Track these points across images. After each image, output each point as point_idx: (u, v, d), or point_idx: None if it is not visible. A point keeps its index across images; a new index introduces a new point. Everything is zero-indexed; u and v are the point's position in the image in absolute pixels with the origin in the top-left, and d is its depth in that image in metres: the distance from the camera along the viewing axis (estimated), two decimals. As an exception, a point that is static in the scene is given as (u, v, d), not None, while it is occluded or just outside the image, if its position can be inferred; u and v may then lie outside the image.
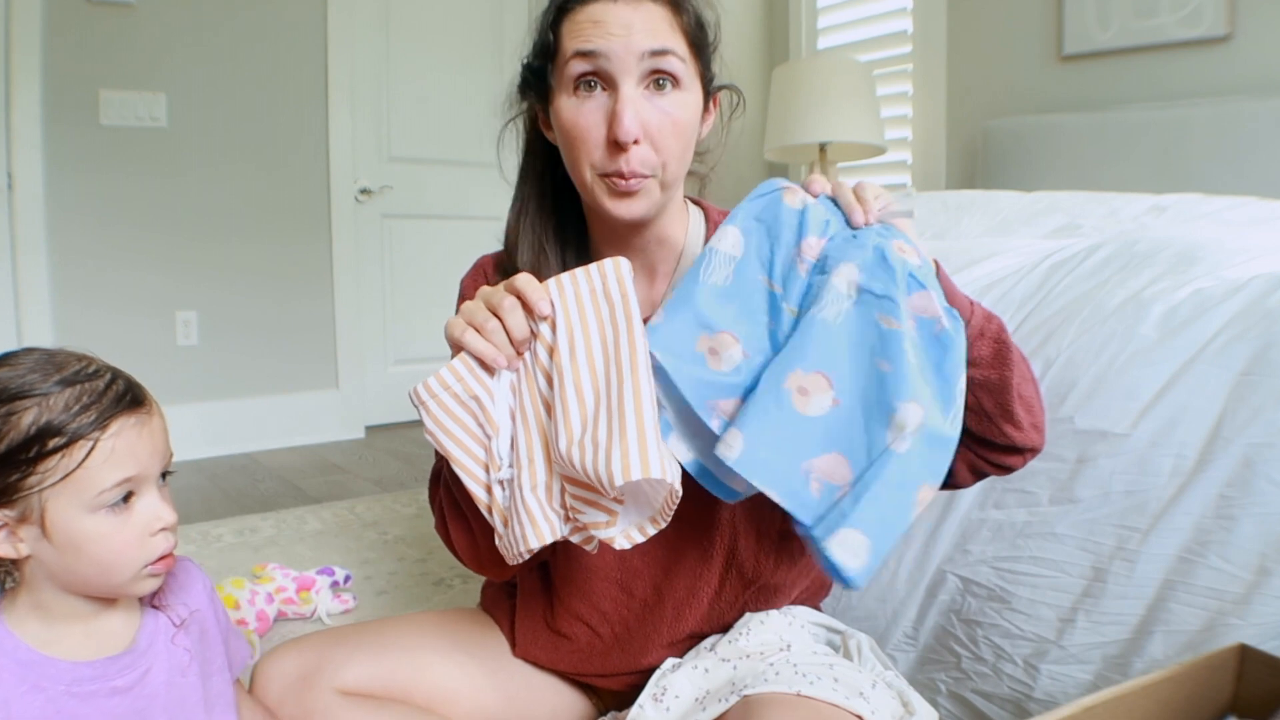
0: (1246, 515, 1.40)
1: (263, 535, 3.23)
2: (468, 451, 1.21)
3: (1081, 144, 3.62)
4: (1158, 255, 1.75)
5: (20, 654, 1.08)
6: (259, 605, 2.34)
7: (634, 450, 1.09)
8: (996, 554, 1.66)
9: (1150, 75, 3.63)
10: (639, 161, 1.26)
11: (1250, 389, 1.45)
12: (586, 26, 1.26)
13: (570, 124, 1.30)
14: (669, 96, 1.28)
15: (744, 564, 1.49)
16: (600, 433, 1.12)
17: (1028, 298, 1.80)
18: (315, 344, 4.97)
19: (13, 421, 1.01)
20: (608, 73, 1.26)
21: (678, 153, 1.31)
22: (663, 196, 1.33)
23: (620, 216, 1.31)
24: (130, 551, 1.09)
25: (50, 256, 4.19)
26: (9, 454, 1.01)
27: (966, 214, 2.93)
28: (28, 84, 4.06)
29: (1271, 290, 1.53)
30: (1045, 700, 1.57)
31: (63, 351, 1.10)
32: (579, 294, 1.18)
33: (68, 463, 1.02)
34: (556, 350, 1.17)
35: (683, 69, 1.29)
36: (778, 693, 1.29)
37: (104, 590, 1.13)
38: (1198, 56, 3.51)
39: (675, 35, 1.28)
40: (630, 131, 1.24)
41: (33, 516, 1.04)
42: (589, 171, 1.30)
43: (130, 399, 1.10)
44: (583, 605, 1.53)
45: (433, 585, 2.72)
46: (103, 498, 1.05)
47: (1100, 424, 1.56)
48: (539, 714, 1.60)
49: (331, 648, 1.47)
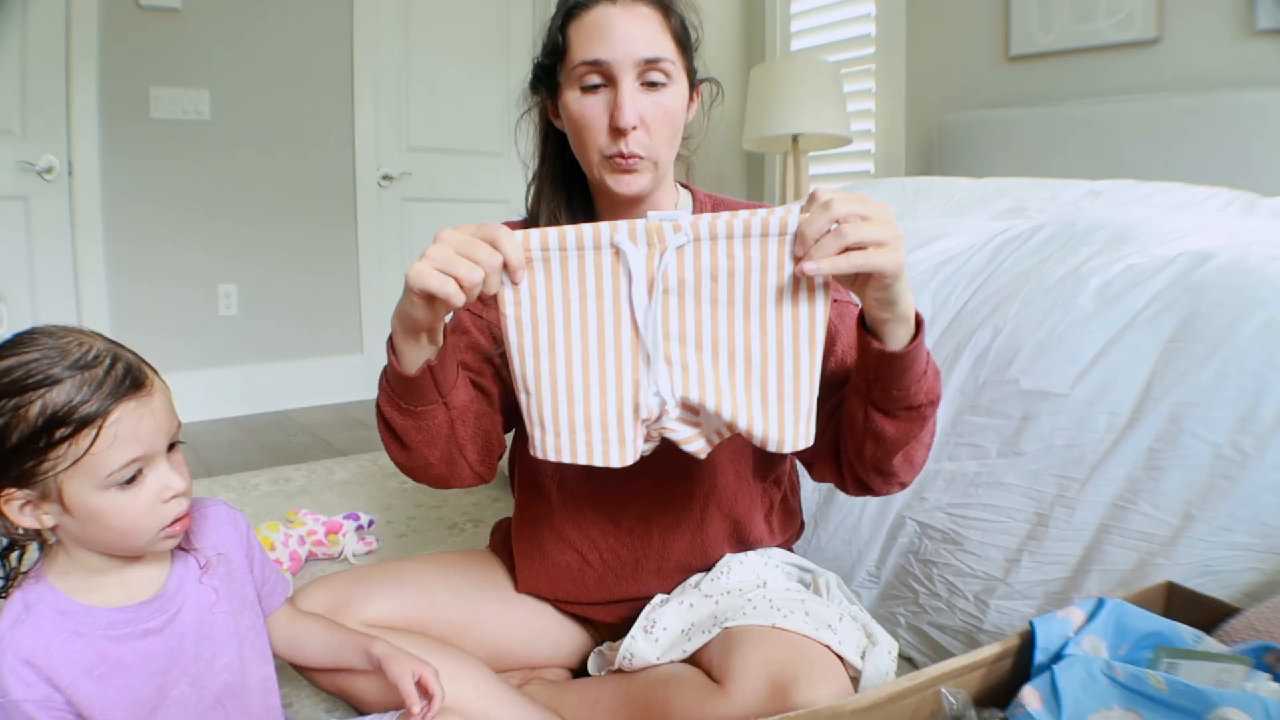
0: (1173, 467, 1.40)
1: (295, 484, 3.23)
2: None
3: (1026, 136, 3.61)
4: (1094, 234, 1.75)
5: (60, 604, 1.08)
6: (292, 547, 2.34)
7: (799, 420, 1.16)
8: (950, 501, 1.65)
9: (1087, 74, 3.62)
10: (637, 144, 1.34)
11: (1177, 354, 1.45)
12: (591, 32, 1.33)
13: (578, 115, 1.36)
14: (660, 91, 1.35)
15: (723, 497, 1.51)
16: (768, 393, 1.16)
17: (978, 272, 1.80)
18: (342, 313, 4.96)
19: (21, 413, 0.99)
20: (609, 73, 1.32)
21: (669, 137, 1.38)
22: (657, 174, 1.39)
23: (622, 193, 1.37)
24: (145, 520, 1.07)
25: (106, 236, 4.17)
26: (22, 443, 0.99)
27: (923, 198, 2.93)
28: (85, 83, 4.03)
29: (1196, 266, 1.53)
30: (994, 632, 1.57)
31: (66, 334, 1.07)
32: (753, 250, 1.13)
33: (75, 449, 1.00)
34: (717, 300, 1.15)
35: (671, 68, 1.35)
36: (755, 625, 1.30)
37: (126, 551, 1.12)
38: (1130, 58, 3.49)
39: (665, 38, 1.35)
40: (629, 120, 1.31)
41: (52, 495, 1.02)
42: (595, 154, 1.37)
43: (131, 382, 1.05)
44: (574, 532, 1.54)
45: (447, 529, 2.72)
46: (113, 477, 1.03)
47: (1042, 385, 1.56)
48: (542, 644, 1.61)
49: (357, 585, 1.48)
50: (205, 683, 1.18)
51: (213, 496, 1.40)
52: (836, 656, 1.27)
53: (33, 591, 1.08)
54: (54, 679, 1.04)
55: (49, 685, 1.04)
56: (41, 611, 1.06)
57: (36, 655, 1.04)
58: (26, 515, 1.04)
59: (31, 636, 1.04)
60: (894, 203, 2.96)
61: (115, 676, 1.09)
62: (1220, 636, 1.14)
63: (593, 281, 1.15)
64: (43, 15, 3.95)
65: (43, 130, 4.01)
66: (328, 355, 4.93)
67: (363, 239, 4.96)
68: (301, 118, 4.70)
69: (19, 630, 1.04)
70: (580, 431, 1.19)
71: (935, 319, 1.77)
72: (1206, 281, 1.50)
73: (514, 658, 1.58)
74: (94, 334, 1.09)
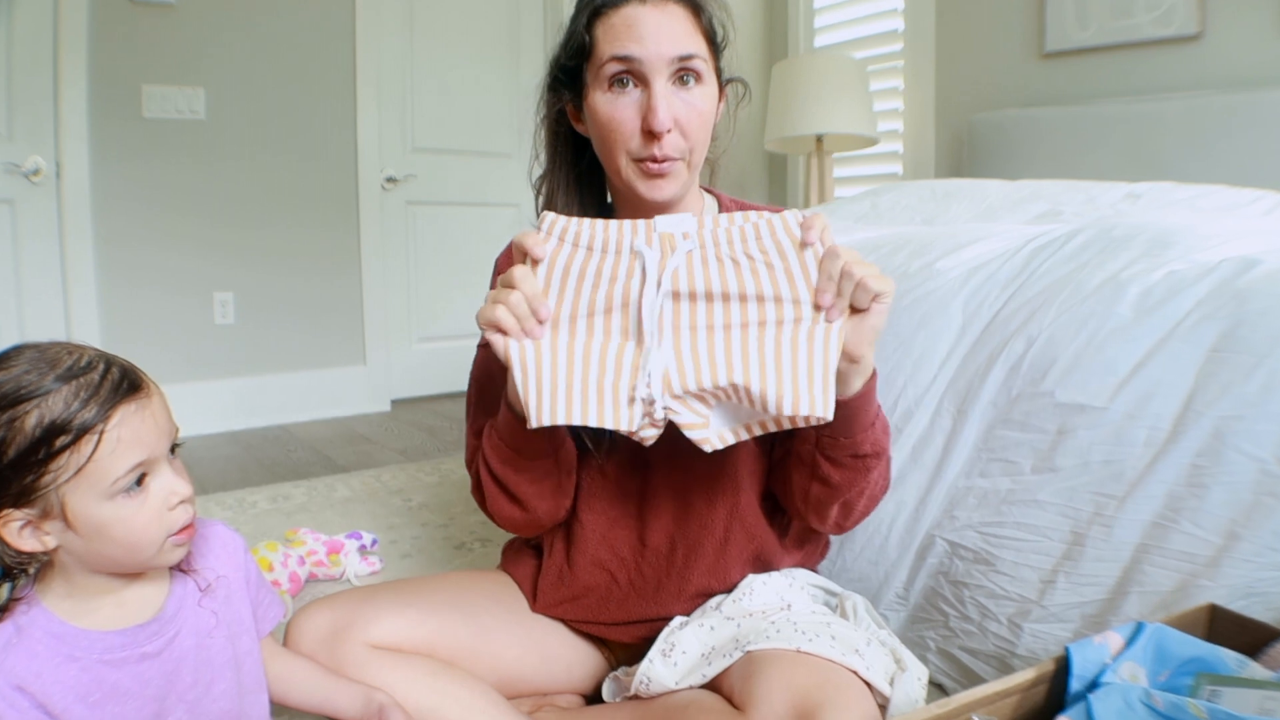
0: (1216, 484, 1.40)
1: (295, 502, 3.23)
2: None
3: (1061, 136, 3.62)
4: (1134, 239, 1.75)
5: (54, 628, 1.08)
6: (291, 567, 2.35)
7: (816, 390, 1.20)
8: (982, 519, 1.65)
9: (1126, 71, 3.62)
10: (671, 147, 1.37)
11: (1220, 365, 1.45)
12: (621, 30, 1.35)
13: (607, 116, 1.38)
14: (693, 91, 1.38)
15: (746, 518, 1.52)
16: (783, 365, 1.21)
17: (1011, 279, 1.80)
18: (344, 322, 4.96)
19: (16, 426, 0.99)
20: (641, 73, 1.35)
21: (702, 139, 1.41)
22: (689, 178, 1.42)
23: (653, 198, 1.40)
24: (152, 529, 1.08)
25: (96, 241, 4.18)
26: (19, 457, 0.99)
27: (954, 201, 2.93)
28: (75, 80, 4.04)
29: (1240, 272, 1.53)
30: (1028, 656, 1.57)
31: (53, 345, 1.07)
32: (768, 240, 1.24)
33: (78, 458, 1.00)
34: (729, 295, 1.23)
35: (704, 67, 1.38)
36: (778, 649, 1.30)
37: (133, 567, 1.12)
38: (1170, 54, 3.50)
39: (697, 37, 1.37)
40: (664, 123, 1.33)
41: (54, 511, 1.02)
42: (624, 158, 1.39)
43: (128, 385, 1.06)
44: (605, 552, 1.56)
45: (454, 549, 2.72)
46: (117, 485, 1.03)
47: (1079, 398, 1.56)
48: (554, 668, 1.60)
49: (361, 605, 1.48)
50: (202, 709, 1.18)
51: (208, 515, 1.41)
52: (864, 682, 1.27)
53: (24, 615, 1.08)
54: (47, 705, 1.04)
55: (42, 712, 1.04)
56: (34, 635, 1.06)
57: (29, 681, 1.04)
58: (27, 537, 1.03)
59: (24, 661, 1.04)
60: (923, 206, 2.97)
61: (111, 702, 1.09)
62: (1266, 662, 1.14)
63: (609, 271, 1.25)
64: (29, 8, 3.96)
65: (29, 130, 4.02)
66: (329, 366, 4.93)
67: (366, 244, 4.96)
68: (301, 117, 4.71)
69: (10, 655, 1.04)
70: (577, 394, 1.24)
71: (966, 328, 1.77)
72: (1252, 288, 1.49)
73: (525, 682, 1.58)
74: (81, 345, 1.10)
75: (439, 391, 5.37)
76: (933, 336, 1.79)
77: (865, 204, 3.21)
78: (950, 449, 1.71)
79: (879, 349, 1.78)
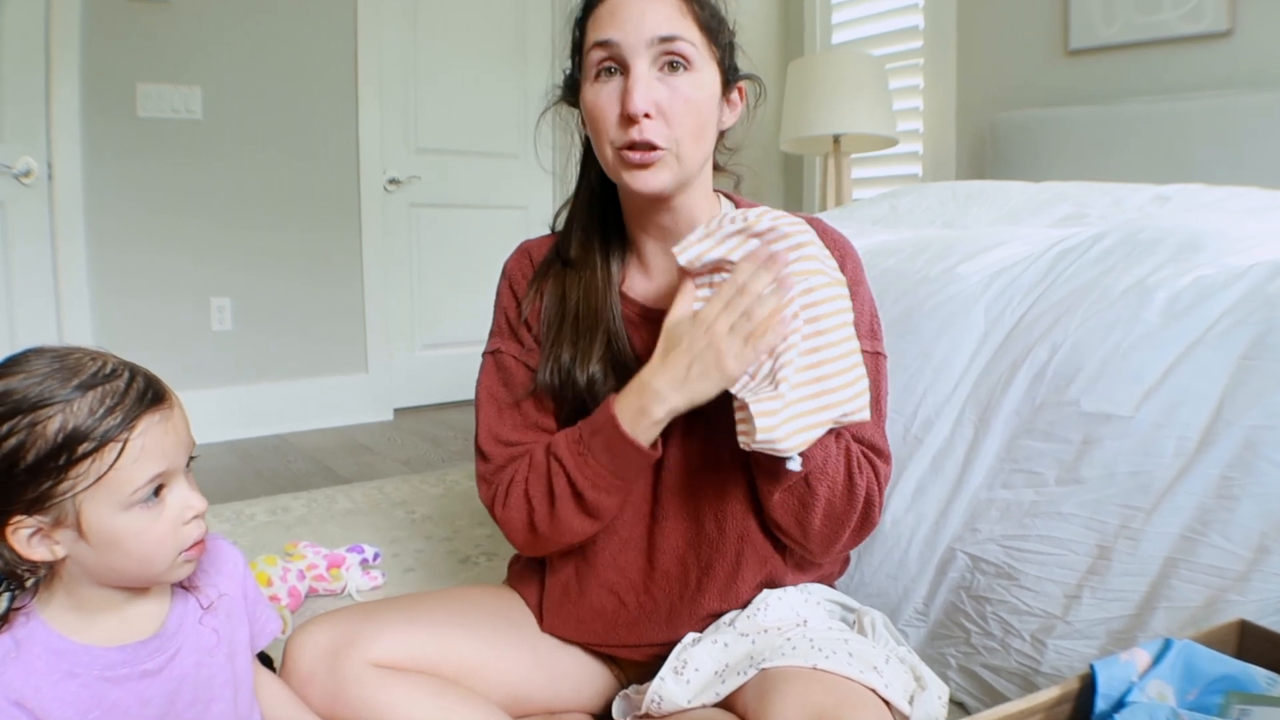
0: (1247, 495, 1.40)
1: (294, 514, 3.24)
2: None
3: (1087, 136, 3.61)
4: (1161, 243, 1.75)
5: (53, 643, 1.08)
6: (291, 582, 2.35)
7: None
8: (1005, 533, 1.66)
9: (1153, 69, 3.62)
10: (652, 133, 1.34)
11: (1251, 373, 1.45)
12: (604, 17, 1.37)
13: (591, 105, 1.39)
14: (681, 77, 1.36)
15: (757, 541, 1.51)
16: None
17: (1035, 284, 1.80)
18: (345, 329, 4.97)
19: (38, 431, 0.99)
20: (622, 58, 1.35)
21: (691, 129, 1.38)
22: (680, 171, 1.39)
23: (639, 189, 1.38)
24: (166, 543, 1.09)
25: (89, 244, 4.19)
26: (38, 463, 1.00)
27: (976, 203, 2.93)
28: (67, 78, 4.06)
29: (1272, 277, 1.53)
30: (1052, 674, 1.57)
31: (74, 351, 1.08)
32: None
33: (99, 466, 1.01)
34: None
35: (694, 52, 1.36)
36: (794, 666, 1.30)
37: (142, 581, 1.13)
38: (1199, 51, 3.50)
39: (684, 20, 1.36)
40: (638, 104, 1.32)
41: (68, 520, 1.03)
42: (609, 148, 1.39)
43: (152, 396, 1.08)
44: (614, 575, 1.56)
45: (459, 563, 2.72)
46: (136, 495, 1.04)
47: (1105, 407, 1.56)
48: (562, 686, 1.60)
49: (362, 621, 1.47)
50: (201, 729, 1.19)
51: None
52: (883, 701, 1.27)
53: (23, 628, 1.08)
54: None
55: None
56: (33, 650, 1.07)
57: (28, 696, 1.04)
58: (36, 546, 1.04)
59: (22, 676, 1.05)
60: (944, 209, 2.97)
61: (110, 720, 1.10)
62: (1298, 679, 1.14)
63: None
64: (20, 3, 3.97)
65: (20, 130, 4.03)
66: (330, 374, 4.94)
67: (367, 248, 4.98)
68: (301, 117, 4.73)
69: (9, 670, 1.05)
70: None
71: (988, 335, 1.77)
72: (1284, 294, 1.50)
73: (532, 701, 1.58)
74: (102, 351, 1.11)
75: (443, 400, 5.38)
76: (954, 343, 1.79)
77: (884, 206, 3.21)
78: (972, 459, 1.71)
79: (898, 355, 1.78)
